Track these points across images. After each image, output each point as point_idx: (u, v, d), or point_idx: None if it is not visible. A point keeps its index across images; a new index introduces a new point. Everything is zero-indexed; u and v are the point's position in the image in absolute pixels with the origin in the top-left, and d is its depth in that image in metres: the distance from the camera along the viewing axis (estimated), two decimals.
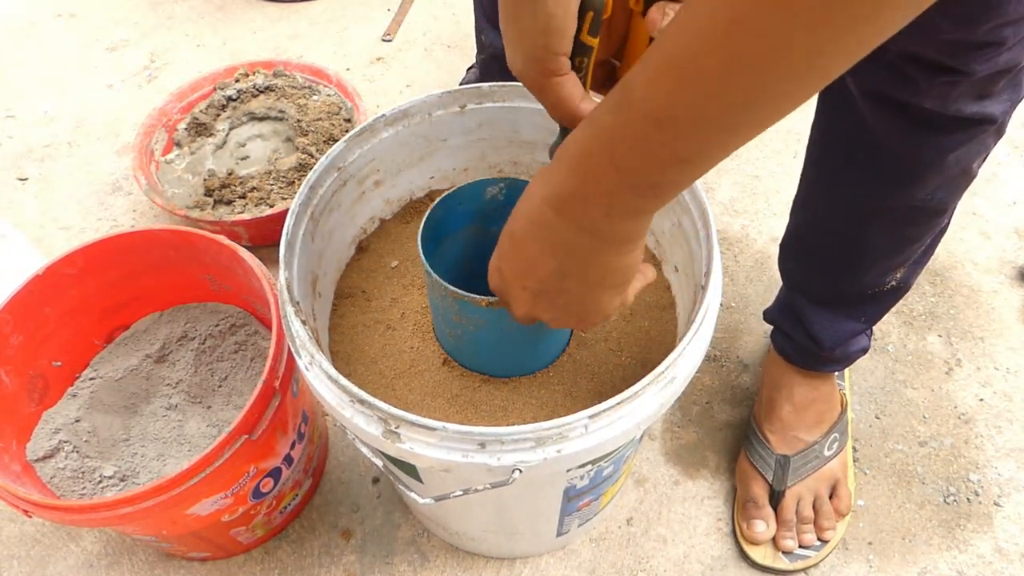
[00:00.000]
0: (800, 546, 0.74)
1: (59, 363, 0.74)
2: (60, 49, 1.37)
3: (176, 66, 1.32)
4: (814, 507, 0.75)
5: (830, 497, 0.76)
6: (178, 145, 1.07)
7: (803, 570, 0.74)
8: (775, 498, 0.75)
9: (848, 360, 0.76)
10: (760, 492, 0.75)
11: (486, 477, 0.47)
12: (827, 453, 0.76)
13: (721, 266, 0.55)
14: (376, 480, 0.81)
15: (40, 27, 1.41)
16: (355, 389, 0.46)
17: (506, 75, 0.46)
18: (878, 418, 0.85)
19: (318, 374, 0.49)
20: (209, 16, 1.42)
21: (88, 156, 1.17)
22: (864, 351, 0.76)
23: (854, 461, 0.81)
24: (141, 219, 1.08)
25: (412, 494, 0.53)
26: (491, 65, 0.94)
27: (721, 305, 0.73)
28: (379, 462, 0.53)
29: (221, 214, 0.97)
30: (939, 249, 0.99)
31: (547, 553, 0.76)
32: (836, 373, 0.81)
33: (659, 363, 0.48)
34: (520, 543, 0.72)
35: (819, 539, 0.75)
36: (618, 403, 0.45)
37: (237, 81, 1.12)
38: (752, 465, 0.77)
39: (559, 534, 0.69)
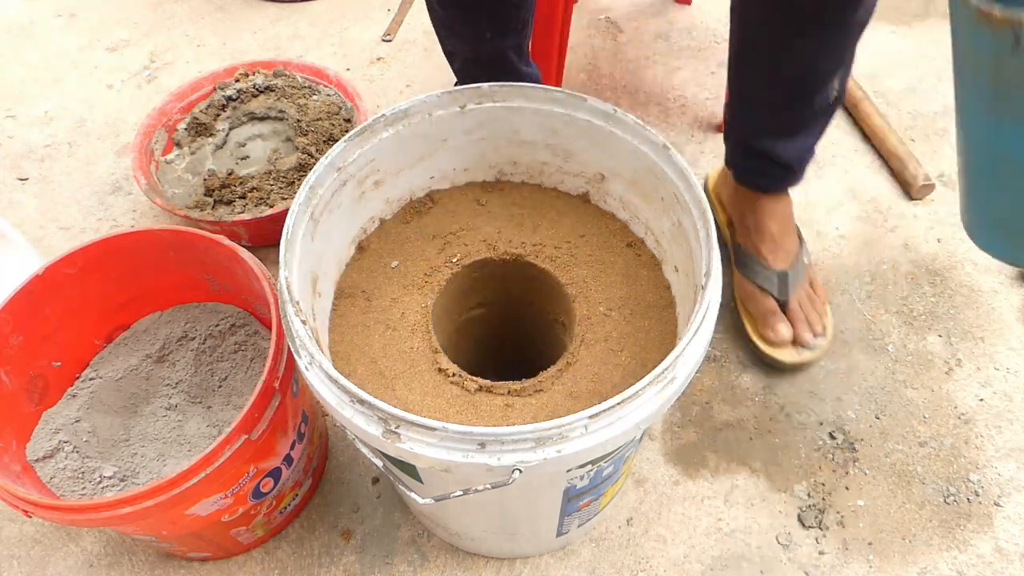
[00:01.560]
0: (815, 336, 0.87)
1: (59, 363, 0.74)
2: (60, 49, 1.37)
3: (176, 66, 1.32)
4: (809, 302, 0.88)
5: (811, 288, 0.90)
6: (178, 145, 1.07)
7: (822, 354, 0.87)
8: (782, 308, 0.87)
9: (804, 172, 0.87)
10: (773, 305, 0.86)
11: (486, 477, 0.47)
12: (805, 260, 0.90)
13: (721, 266, 0.55)
14: (376, 480, 0.81)
15: (40, 27, 1.41)
16: (355, 389, 0.46)
17: (484, 74, 0.44)
18: (878, 418, 0.85)
19: (318, 374, 0.49)
20: (209, 16, 1.42)
21: (88, 156, 1.17)
22: (812, 157, 0.86)
23: (854, 461, 0.81)
24: (141, 219, 1.08)
25: (412, 494, 0.53)
26: (467, 70, 0.94)
27: (721, 305, 0.73)
28: (379, 462, 0.53)
29: (221, 214, 0.97)
30: (939, 249, 0.99)
31: (547, 553, 0.76)
32: None
33: (659, 363, 0.48)
34: (520, 543, 0.72)
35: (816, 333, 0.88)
36: (618, 403, 0.45)
37: (237, 81, 1.12)
38: (758, 287, 0.87)
39: (559, 534, 0.69)
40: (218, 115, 1.09)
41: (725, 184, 0.96)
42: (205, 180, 1.01)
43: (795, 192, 1.04)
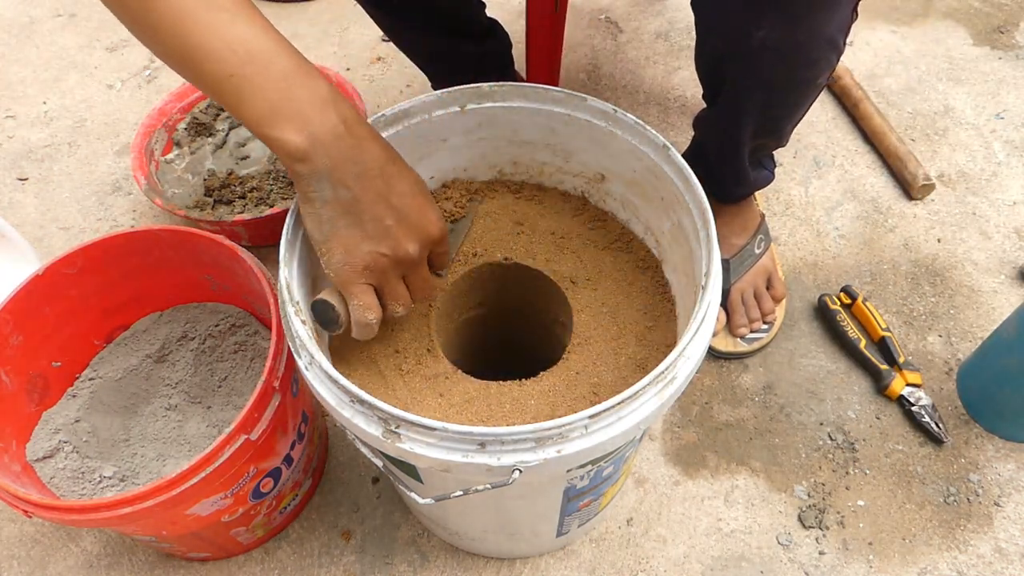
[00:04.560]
0: (751, 331, 0.88)
1: (59, 363, 0.74)
2: (60, 49, 1.36)
3: None
4: (756, 297, 0.89)
5: (768, 288, 0.90)
6: (178, 145, 1.07)
7: (759, 349, 0.89)
8: (722, 296, 0.81)
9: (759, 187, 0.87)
10: None
11: (486, 477, 0.47)
12: (757, 251, 0.90)
13: (721, 266, 0.55)
14: (376, 480, 0.81)
15: (40, 27, 1.41)
16: (355, 389, 0.46)
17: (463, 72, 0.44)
18: (878, 418, 0.85)
19: (318, 374, 0.49)
20: None
21: (88, 156, 1.17)
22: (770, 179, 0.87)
23: (854, 461, 0.81)
24: (141, 219, 1.08)
25: (412, 494, 0.53)
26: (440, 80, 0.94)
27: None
28: (379, 462, 0.53)
29: (221, 214, 0.97)
30: (939, 249, 0.99)
31: (547, 553, 0.76)
32: None
33: (659, 363, 0.48)
34: (520, 543, 0.72)
35: (764, 323, 0.89)
36: (618, 403, 0.45)
37: None
38: None
39: (559, 534, 0.69)
40: (218, 115, 1.09)
41: None
42: (205, 180, 1.01)
43: (795, 192, 1.04)
